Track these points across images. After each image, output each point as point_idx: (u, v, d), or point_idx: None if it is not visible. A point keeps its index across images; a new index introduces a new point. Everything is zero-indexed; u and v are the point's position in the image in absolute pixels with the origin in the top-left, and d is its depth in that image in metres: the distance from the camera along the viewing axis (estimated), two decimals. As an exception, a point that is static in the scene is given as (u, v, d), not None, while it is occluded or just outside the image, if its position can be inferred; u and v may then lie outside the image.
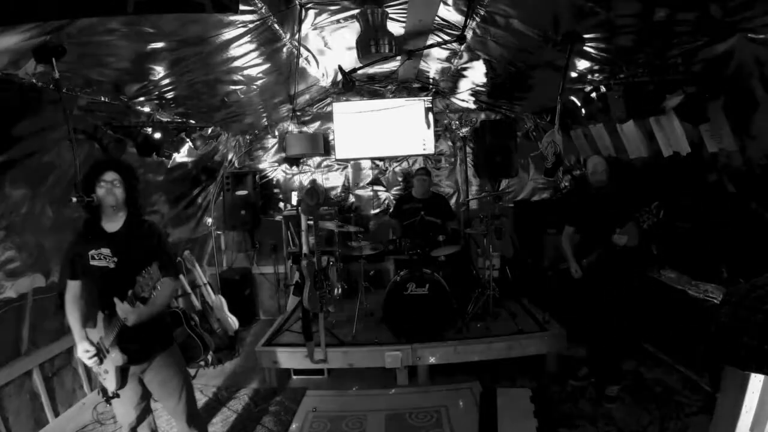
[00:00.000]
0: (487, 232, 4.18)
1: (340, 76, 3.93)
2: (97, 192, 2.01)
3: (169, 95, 3.17)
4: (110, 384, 2.07)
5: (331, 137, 5.38)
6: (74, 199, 1.98)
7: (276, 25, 2.67)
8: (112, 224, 2.10)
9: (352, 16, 2.91)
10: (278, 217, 5.18)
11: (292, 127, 5.40)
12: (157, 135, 3.22)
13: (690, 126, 2.87)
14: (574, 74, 3.22)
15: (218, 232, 5.26)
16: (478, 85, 4.48)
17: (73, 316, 2.09)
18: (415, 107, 5.20)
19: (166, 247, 2.18)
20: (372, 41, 2.80)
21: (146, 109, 3.22)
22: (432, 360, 3.60)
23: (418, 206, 4.22)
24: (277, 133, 5.46)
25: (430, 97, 5.23)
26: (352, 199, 5.55)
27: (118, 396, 2.11)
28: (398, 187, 5.51)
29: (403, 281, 3.67)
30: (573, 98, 3.63)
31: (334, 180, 5.56)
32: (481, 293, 4.11)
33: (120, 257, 2.03)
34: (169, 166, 3.97)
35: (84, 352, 2.03)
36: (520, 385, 3.46)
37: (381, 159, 5.48)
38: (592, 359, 3.40)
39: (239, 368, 4.08)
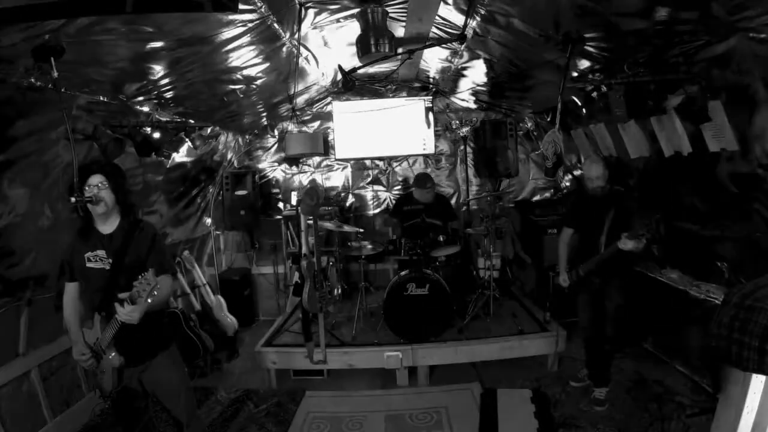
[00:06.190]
0: (488, 233, 4.18)
1: (339, 76, 3.94)
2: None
3: (169, 95, 3.16)
4: (108, 385, 2.07)
5: (330, 137, 5.38)
6: (73, 199, 1.97)
7: (275, 25, 2.66)
8: (107, 226, 2.09)
9: (351, 16, 2.91)
10: (278, 217, 5.18)
11: (291, 127, 5.39)
12: (156, 135, 3.20)
13: (691, 125, 2.87)
14: (574, 74, 3.22)
15: (217, 233, 5.25)
16: (478, 85, 4.47)
17: (70, 317, 2.09)
18: (415, 107, 5.19)
19: (162, 247, 2.17)
20: (372, 40, 2.79)
21: (145, 109, 3.21)
22: (432, 360, 3.60)
23: (419, 208, 4.21)
24: (276, 133, 5.45)
25: (430, 97, 5.22)
26: (352, 199, 5.54)
27: (115, 397, 2.10)
28: (398, 187, 5.50)
29: (403, 281, 3.66)
30: (574, 98, 3.63)
31: (334, 180, 5.55)
32: (481, 293, 4.11)
33: (115, 258, 2.02)
34: (168, 166, 3.96)
35: (80, 353, 2.02)
36: (520, 386, 3.45)
37: (381, 159, 5.47)
38: (588, 360, 3.37)
39: (238, 369, 4.07)
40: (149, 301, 1.84)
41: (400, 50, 3.04)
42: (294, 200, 5.25)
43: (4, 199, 2.48)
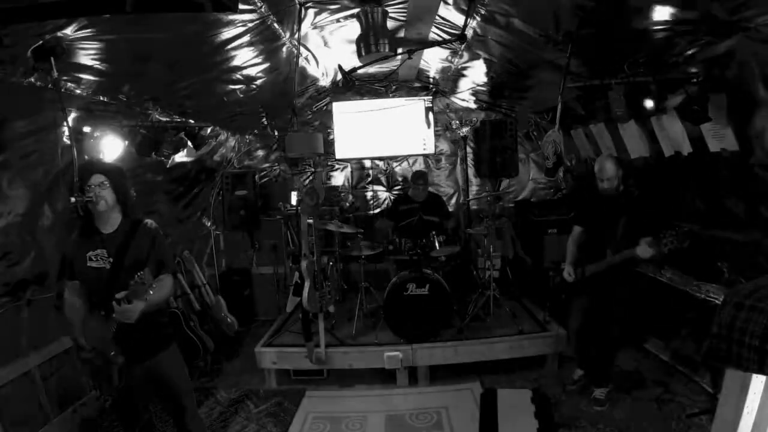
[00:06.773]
0: (488, 233, 4.17)
1: (339, 76, 3.93)
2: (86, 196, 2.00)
3: (169, 95, 3.16)
4: (108, 384, 2.06)
5: (330, 137, 5.37)
6: (73, 199, 1.97)
7: (275, 24, 2.67)
8: (108, 225, 2.09)
9: (351, 16, 2.91)
10: (278, 217, 5.18)
11: (291, 127, 5.38)
12: (156, 135, 3.21)
13: (691, 125, 2.86)
14: (574, 73, 3.21)
15: (217, 232, 5.24)
16: (478, 85, 4.47)
17: (71, 316, 2.09)
18: (415, 107, 5.18)
19: (162, 247, 2.17)
20: (372, 40, 2.79)
21: (145, 109, 3.21)
22: (432, 360, 3.59)
23: (415, 206, 4.22)
24: (276, 133, 5.45)
25: (430, 97, 5.21)
26: (352, 199, 5.54)
27: (116, 396, 2.10)
28: (398, 187, 5.50)
29: (403, 281, 3.66)
30: (574, 98, 3.62)
31: (334, 180, 5.55)
32: (482, 293, 4.10)
33: (115, 258, 2.03)
34: (168, 166, 3.95)
35: (82, 352, 2.02)
36: (520, 386, 3.45)
37: (381, 159, 5.47)
38: (583, 361, 3.32)
39: (239, 369, 4.07)
40: (146, 300, 1.84)
41: (400, 50, 3.04)
42: (294, 200, 5.25)
43: (4, 199, 2.48)
